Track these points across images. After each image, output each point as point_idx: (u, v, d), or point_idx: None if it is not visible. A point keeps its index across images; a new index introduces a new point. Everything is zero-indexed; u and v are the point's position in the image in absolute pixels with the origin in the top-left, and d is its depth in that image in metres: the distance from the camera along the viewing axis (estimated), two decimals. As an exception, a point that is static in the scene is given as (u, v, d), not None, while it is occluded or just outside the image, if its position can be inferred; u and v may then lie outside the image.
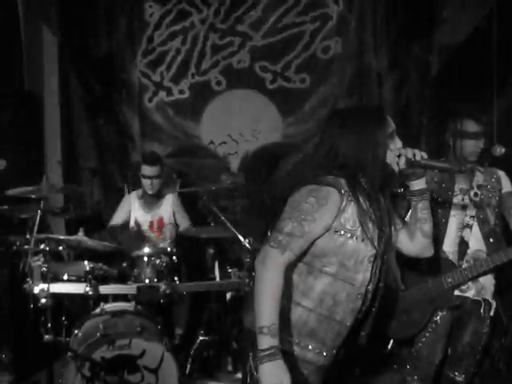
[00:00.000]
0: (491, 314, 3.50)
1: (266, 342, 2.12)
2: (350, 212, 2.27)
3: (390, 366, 3.95)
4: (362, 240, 2.29)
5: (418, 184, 2.46)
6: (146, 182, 4.90)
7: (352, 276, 2.31)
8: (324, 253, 2.28)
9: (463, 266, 3.33)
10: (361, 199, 2.29)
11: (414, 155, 2.36)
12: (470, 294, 3.40)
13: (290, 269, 2.25)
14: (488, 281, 3.45)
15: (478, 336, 3.47)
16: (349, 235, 2.27)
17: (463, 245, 3.37)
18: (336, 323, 2.34)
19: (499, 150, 3.45)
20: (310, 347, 2.32)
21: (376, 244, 2.33)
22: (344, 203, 2.25)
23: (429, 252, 2.58)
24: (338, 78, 5.89)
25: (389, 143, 2.35)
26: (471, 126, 3.32)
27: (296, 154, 2.63)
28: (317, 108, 5.90)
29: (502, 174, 3.49)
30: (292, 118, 5.92)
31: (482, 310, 3.44)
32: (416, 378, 3.36)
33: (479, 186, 3.41)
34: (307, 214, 2.22)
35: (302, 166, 2.40)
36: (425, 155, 2.37)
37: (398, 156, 2.36)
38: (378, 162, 2.31)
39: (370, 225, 2.31)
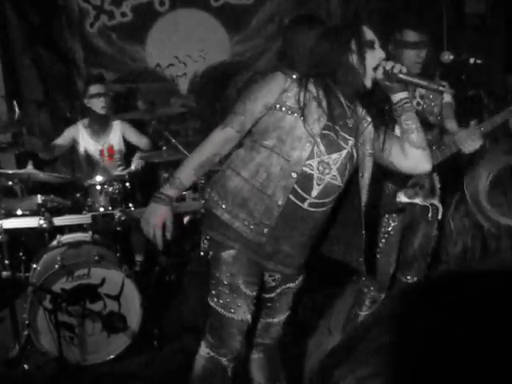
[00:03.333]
0: (439, 217, 3.60)
1: (166, 188, 2.48)
2: (295, 92, 2.39)
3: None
4: (302, 118, 2.37)
5: (398, 96, 2.47)
6: (96, 102, 4.77)
7: (288, 151, 2.40)
8: (265, 128, 2.42)
9: None
10: (316, 92, 2.40)
11: (393, 67, 2.39)
12: (418, 200, 3.48)
13: (239, 145, 2.49)
14: (434, 186, 3.54)
15: (427, 239, 3.58)
16: (289, 112, 2.39)
17: None
18: (266, 197, 2.43)
19: (447, 57, 3.46)
20: (239, 216, 2.46)
21: (317, 131, 2.39)
22: (288, 84, 2.40)
23: (424, 165, 2.55)
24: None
25: (363, 52, 2.36)
26: (411, 36, 3.30)
27: (245, 73, 2.65)
28: (264, 24, 5.78)
29: (444, 83, 3.51)
30: (239, 36, 5.79)
31: (430, 215, 3.53)
32: (372, 288, 3.45)
33: (422, 96, 3.43)
34: (250, 94, 2.45)
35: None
36: (404, 69, 2.40)
37: (376, 68, 2.38)
38: (343, 67, 2.37)
39: (319, 115, 2.39)
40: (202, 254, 2.61)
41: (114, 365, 3.72)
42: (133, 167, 4.80)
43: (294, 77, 2.42)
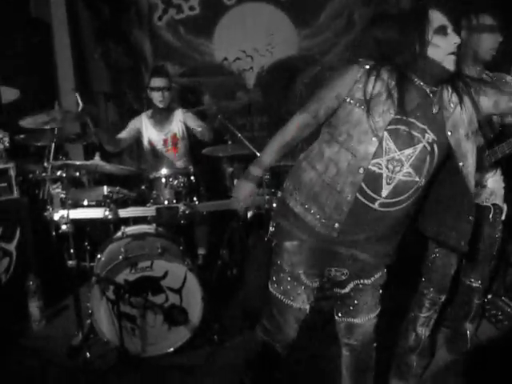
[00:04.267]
0: (503, 218, 3.46)
1: (253, 169, 2.61)
2: (364, 83, 2.34)
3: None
4: (368, 111, 2.31)
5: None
6: (156, 95, 4.81)
7: (354, 146, 2.35)
8: (337, 122, 2.41)
9: None
10: (388, 82, 2.34)
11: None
12: (480, 200, 3.35)
13: (321, 140, 2.50)
14: (497, 185, 3.40)
15: (490, 241, 3.44)
16: (357, 104, 2.35)
17: None
18: (336, 193, 2.41)
19: None
20: (311, 210, 2.47)
21: (382, 125, 2.32)
22: (360, 75, 2.36)
23: None
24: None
25: (434, 39, 2.27)
26: (488, 20, 3.19)
27: (313, 67, 2.63)
28: (333, 18, 5.70)
29: (510, 78, 3.37)
30: (307, 31, 5.72)
31: (491, 215, 3.39)
32: (432, 289, 3.34)
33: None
34: (327, 82, 2.46)
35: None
36: None
37: (453, 54, 2.29)
38: (418, 56, 2.28)
39: (388, 107, 2.32)
40: (267, 238, 2.67)
41: (174, 358, 3.73)
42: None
43: (367, 67, 2.36)
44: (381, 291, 2.70)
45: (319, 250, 2.52)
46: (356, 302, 2.66)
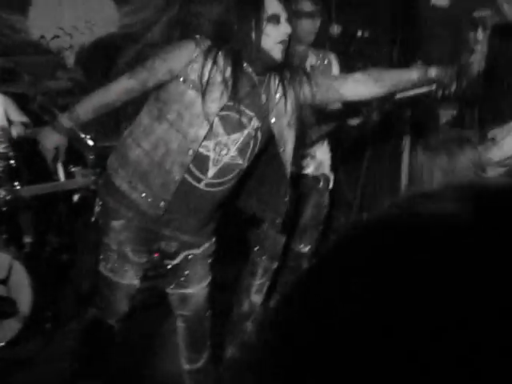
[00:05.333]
0: (330, 186, 3.69)
1: (64, 120, 2.53)
2: (201, 65, 2.36)
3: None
4: (202, 96, 2.35)
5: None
6: None
7: (185, 128, 2.38)
8: (168, 99, 2.40)
9: None
10: (223, 67, 2.38)
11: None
12: (310, 170, 3.55)
13: (149, 116, 2.46)
14: (325, 155, 3.61)
15: (319, 209, 3.67)
16: (190, 86, 2.37)
17: None
18: (164, 172, 2.44)
19: (336, 30, 3.54)
20: (137, 188, 2.47)
21: (214, 110, 2.37)
22: (196, 55, 2.37)
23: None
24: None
25: (266, 28, 2.34)
26: (306, 6, 3.35)
27: (135, 45, 2.62)
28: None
29: (332, 56, 3.60)
30: (128, 8, 5.61)
31: (320, 184, 3.61)
32: (265, 257, 3.48)
33: (311, 67, 3.48)
34: (161, 53, 2.47)
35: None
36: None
37: (281, 42, 2.38)
38: (248, 42, 2.34)
39: (221, 93, 2.37)
40: (93, 219, 2.65)
41: (6, 351, 3.57)
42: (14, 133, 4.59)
43: (204, 48, 2.39)
44: (210, 260, 2.78)
45: (145, 229, 2.55)
46: (187, 272, 2.71)
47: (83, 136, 4.09)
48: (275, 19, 2.35)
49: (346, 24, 4.04)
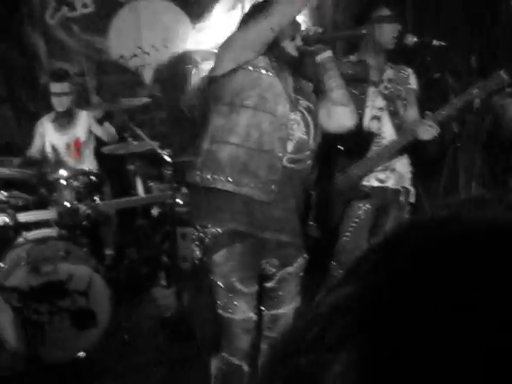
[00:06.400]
0: (411, 200, 3.61)
1: None
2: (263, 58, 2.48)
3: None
4: (277, 75, 2.48)
5: (320, 57, 2.56)
6: (55, 100, 4.73)
7: (272, 107, 2.45)
8: (242, 88, 2.44)
9: (368, 156, 3.43)
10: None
11: (308, 31, 2.52)
12: (390, 183, 3.49)
13: (214, 115, 2.50)
14: (405, 169, 3.55)
15: (398, 222, 3.58)
16: (263, 71, 2.45)
17: (372, 136, 3.43)
18: (266, 154, 2.45)
19: (411, 39, 3.49)
20: (243, 181, 2.45)
21: (291, 88, 2.55)
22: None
23: (346, 122, 2.64)
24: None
25: (279, 28, 2.40)
26: (385, 11, 3.36)
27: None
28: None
29: (410, 70, 3.57)
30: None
31: (401, 198, 3.54)
32: (342, 272, 3.44)
33: (389, 80, 3.46)
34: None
35: None
36: (319, 29, 2.54)
37: (294, 38, 2.50)
38: (268, 45, 2.43)
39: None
40: (196, 262, 2.60)
41: (85, 361, 3.67)
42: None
43: None
44: (301, 275, 2.71)
45: (248, 246, 2.49)
46: (281, 293, 2.67)
47: (161, 152, 4.22)
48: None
49: (421, 33, 3.97)
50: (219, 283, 2.50)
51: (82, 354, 3.68)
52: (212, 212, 2.51)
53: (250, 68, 2.45)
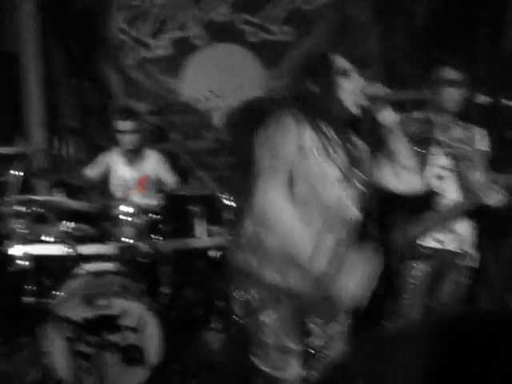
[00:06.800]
0: (472, 264, 3.49)
1: None
2: (310, 136, 2.34)
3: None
4: (326, 161, 2.35)
5: (385, 116, 2.43)
6: (121, 138, 4.83)
7: (326, 196, 2.37)
8: (294, 179, 2.34)
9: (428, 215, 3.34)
10: (325, 130, 2.37)
11: (375, 89, 2.38)
12: (449, 245, 3.38)
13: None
14: (466, 231, 3.43)
15: (457, 287, 3.47)
16: (311, 157, 2.33)
17: (433, 195, 3.35)
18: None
19: (484, 99, 3.43)
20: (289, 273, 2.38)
21: (344, 169, 2.39)
22: (300, 129, 2.33)
23: (417, 186, 2.57)
24: (321, 30, 5.74)
25: (340, 83, 2.36)
26: (449, 73, 3.27)
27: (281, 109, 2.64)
28: (301, 60, 5.78)
29: (480, 130, 3.47)
30: (275, 72, 5.80)
31: (460, 261, 3.43)
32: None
33: (455, 139, 3.37)
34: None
35: None
36: (382, 89, 2.38)
37: (355, 94, 2.37)
38: (324, 98, 2.35)
39: (335, 151, 2.38)
40: (236, 318, 2.56)
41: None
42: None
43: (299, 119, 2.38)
44: (348, 332, 2.64)
45: (295, 304, 2.46)
46: (327, 352, 2.61)
47: (222, 197, 4.24)
48: (343, 72, 2.37)
49: (494, 94, 3.88)
50: (268, 342, 2.45)
51: (127, 390, 3.69)
52: (250, 278, 2.48)
53: (300, 154, 2.34)
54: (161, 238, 4.26)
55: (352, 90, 2.36)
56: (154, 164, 4.99)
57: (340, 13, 5.73)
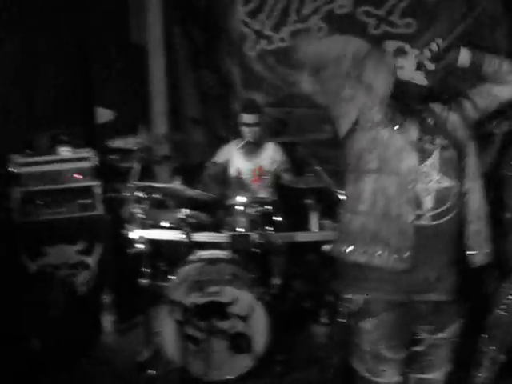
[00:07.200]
0: None
1: None
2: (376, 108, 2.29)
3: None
4: (394, 128, 2.29)
5: (462, 60, 2.34)
6: (245, 130, 4.93)
7: (395, 167, 2.28)
8: (362, 151, 2.31)
9: None
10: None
11: (433, 46, 2.33)
12: None
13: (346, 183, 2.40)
14: None
15: None
16: (379, 127, 2.28)
17: None
18: (394, 219, 2.29)
19: None
20: (377, 252, 2.31)
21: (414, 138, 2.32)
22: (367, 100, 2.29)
23: None
24: (445, 22, 5.53)
25: (400, 64, 2.33)
26: None
27: None
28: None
29: None
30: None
31: None
32: (494, 348, 3.17)
33: None
34: None
35: None
36: (439, 40, 2.34)
37: (418, 67, 2.33)
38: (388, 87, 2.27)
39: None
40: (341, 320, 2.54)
41: (233, 384, 3.75)
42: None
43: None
44: (455, 340, 2.54)
45: (399, 314, 2.38)
46: (431, 358, 2.53)
47: (338, 191, 4.20)
48: (400, 52, 2.36)
49: None
50: (365, 348, 2.42)
51: (231, 377, 3.76)
52: (354, 282, 2.42)
53: (365, 125, 2.31)
54: (274, 229, 4.28)
55: (412, 66, 2.33)
56: (271, 156, 5.05)
57: (465, 4, 5.49)
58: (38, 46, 5.12)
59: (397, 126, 2.29)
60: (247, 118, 4.89)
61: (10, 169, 4.62)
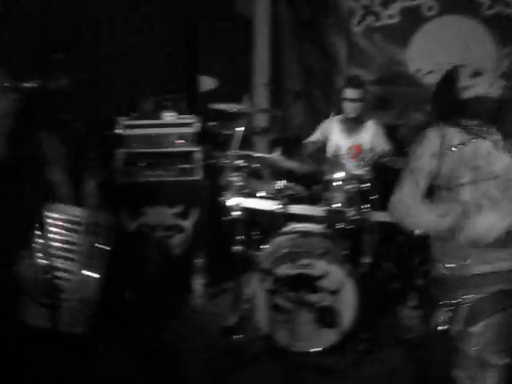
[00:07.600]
0: None
1: None
2: (452, 132, 2.38)
3: None
4: (471, 141, 2.36)
5: None
6: (347, 105, 4.89)
7: (489, 170, 2.35)
8: (452, 169, 2.38)
9: None
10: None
11: None
12: None
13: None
14: None
15: None
16: (460, 146, 2.35)
17: None
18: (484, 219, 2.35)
19: None
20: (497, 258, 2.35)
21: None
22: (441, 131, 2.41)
23: None
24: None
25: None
26: None
27: None
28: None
29: None
30: (508, 49, 5.46)
31: None
32: None
33: None
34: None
35: None
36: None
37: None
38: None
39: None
40: (440, 328, 2.47)
41: (318, 358, 3.79)
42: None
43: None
44: None
45: (505, 318, 2.36)
46: None
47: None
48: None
49: None
50: (470, 353, 2.38)
51: (316, 349, 3.80)
52: (464, 288, 2.41)
53: (448, 150, 2.37)
54: (369, 207, 4.26)
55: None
56: (371, 134, 4.99)
57: None
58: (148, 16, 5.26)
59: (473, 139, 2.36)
60: (350, 92, 4.85)
61: (116, 131, 4.78)
